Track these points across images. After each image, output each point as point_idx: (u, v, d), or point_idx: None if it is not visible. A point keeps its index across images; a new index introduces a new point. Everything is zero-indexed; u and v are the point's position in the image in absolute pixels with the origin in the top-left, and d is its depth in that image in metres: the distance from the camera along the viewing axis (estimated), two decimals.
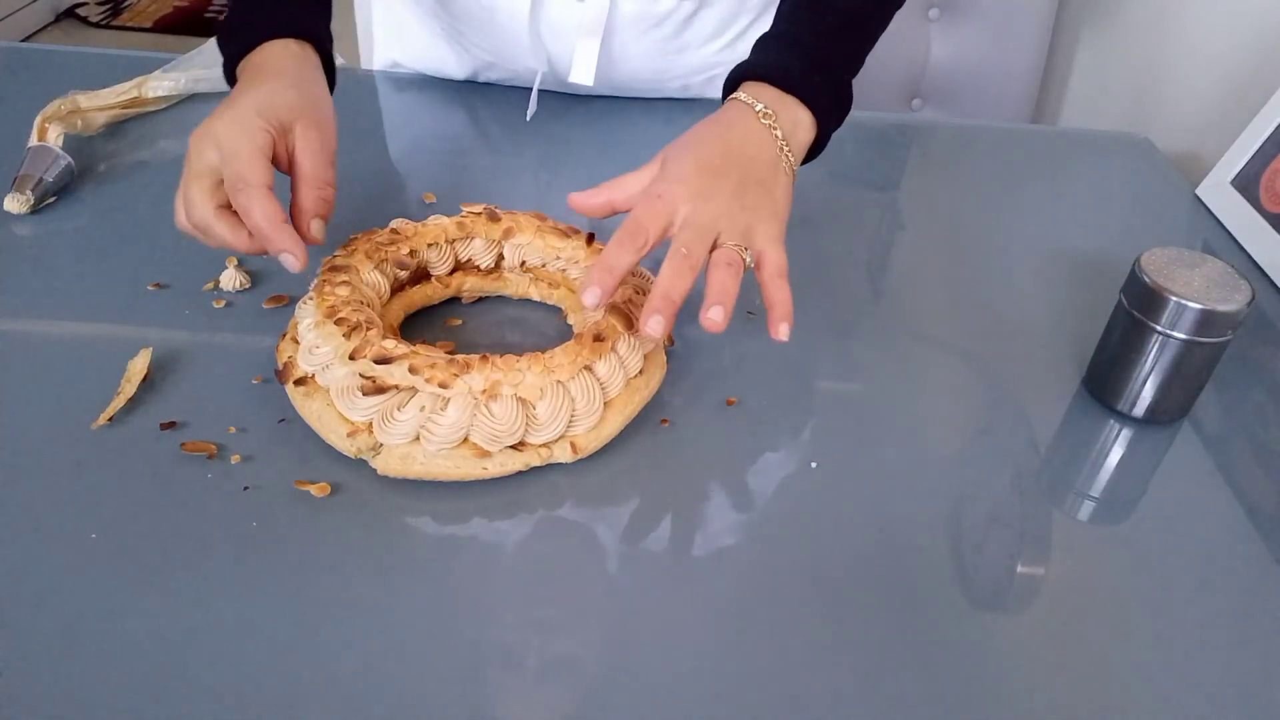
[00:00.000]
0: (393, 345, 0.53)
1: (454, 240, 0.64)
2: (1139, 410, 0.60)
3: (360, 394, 0.51)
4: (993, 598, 0.50)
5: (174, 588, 0.46)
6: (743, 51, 0.87)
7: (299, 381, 0.54)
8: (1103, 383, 0.61)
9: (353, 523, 0.50)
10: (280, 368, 0.56)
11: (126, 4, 2.83)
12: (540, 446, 0.53)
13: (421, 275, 0.64)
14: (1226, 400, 0.63)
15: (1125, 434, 0.60)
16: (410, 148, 0.85)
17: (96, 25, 2.71)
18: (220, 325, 0.62)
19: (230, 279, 0.64)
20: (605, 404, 0.54)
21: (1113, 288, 0.60)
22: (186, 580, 0.47)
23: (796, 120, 0.58)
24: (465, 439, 0.51)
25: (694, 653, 0.46)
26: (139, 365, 0.56)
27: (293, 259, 0.52)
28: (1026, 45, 1.23)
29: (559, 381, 0.52)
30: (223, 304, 0.63)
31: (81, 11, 2.75)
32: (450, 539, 0.50)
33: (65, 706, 0.41)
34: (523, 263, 0.65)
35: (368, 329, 0.54)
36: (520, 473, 0.53)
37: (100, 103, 0.79)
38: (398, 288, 0.62)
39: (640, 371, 0.56)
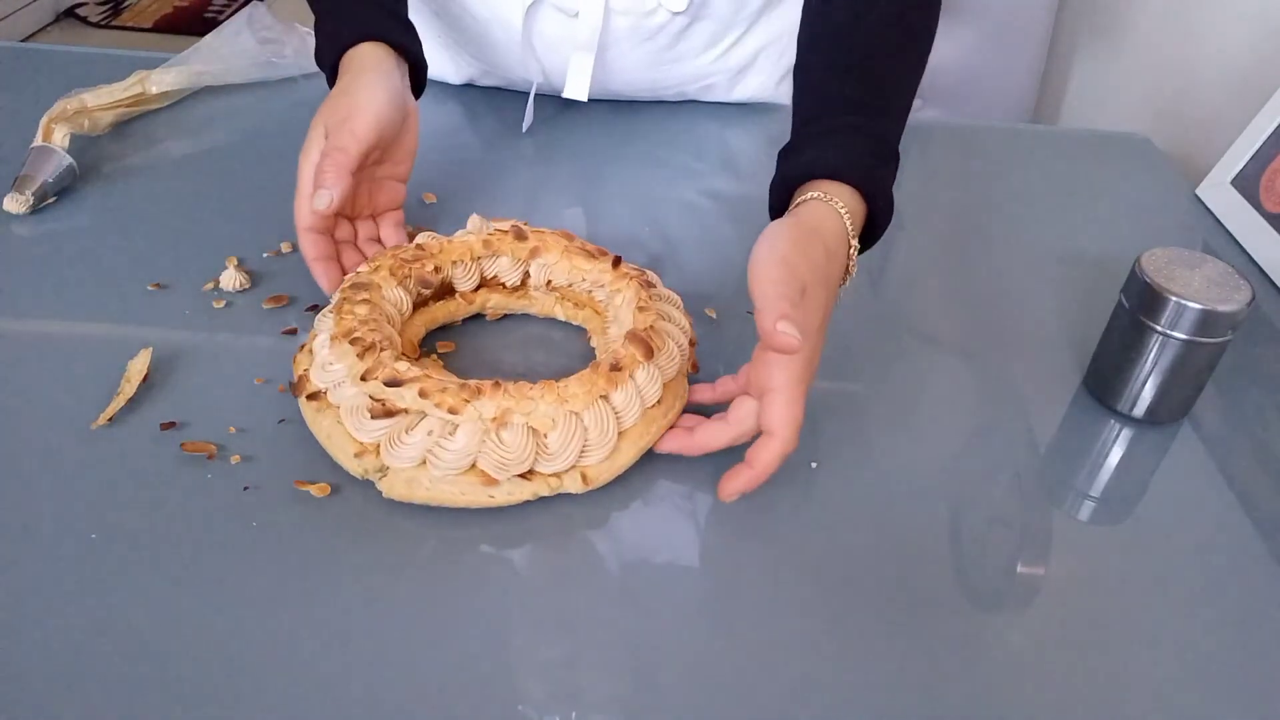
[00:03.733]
0: (405, 368, 0.51)
1: (480, 257, 0.62)
2: (1139, 410, 0.60)
3: (369, 416, 0.50)
4: (993, 598, 0.50)
5: (174, 588, 0.46)
6: (737, 61, 0.87)
7: (311, 396, 0.53)
8: (1103, 383, 0.61)
9: (353, 523, 0.50)
10: (295, 380, 0.54)
11: (126, 4, 2.83)
12: (550, 476, 0.51)
13: (445, 291, 0.62)
14: (1226, 400, 0.63)
15: (1125, 434, 0.60)
16: None
17: (96, 25, 2.71)
18: (220, 325, 0.62)
19: (230, 279, 0.64)
20: (620, 434, 0.52)
21: (1113, 288, 0.60)
22: (186, 580, 0.47)
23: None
24: (473, 465, 0.50)
25: (691, 653, 0.46)
26: (139, 365, 0.56)
27: (321, 284, 0.62)
28: (1026, 45, 1.23)
29: (573, 411, 0.51)
30: (223, 304, 0.63)
31: (81, 11, 2.74)
32: (451, 538, 0.50)
33: (65, 706, 0.41)
34: (548, 281, 0.63)
35: (381, 349, 0.52)
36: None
37: (106, 100, 0.79)
38: (421, 303, 0.61)
39: (659, 401, 0.54)
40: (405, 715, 0.42)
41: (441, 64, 0.90)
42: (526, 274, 0.64)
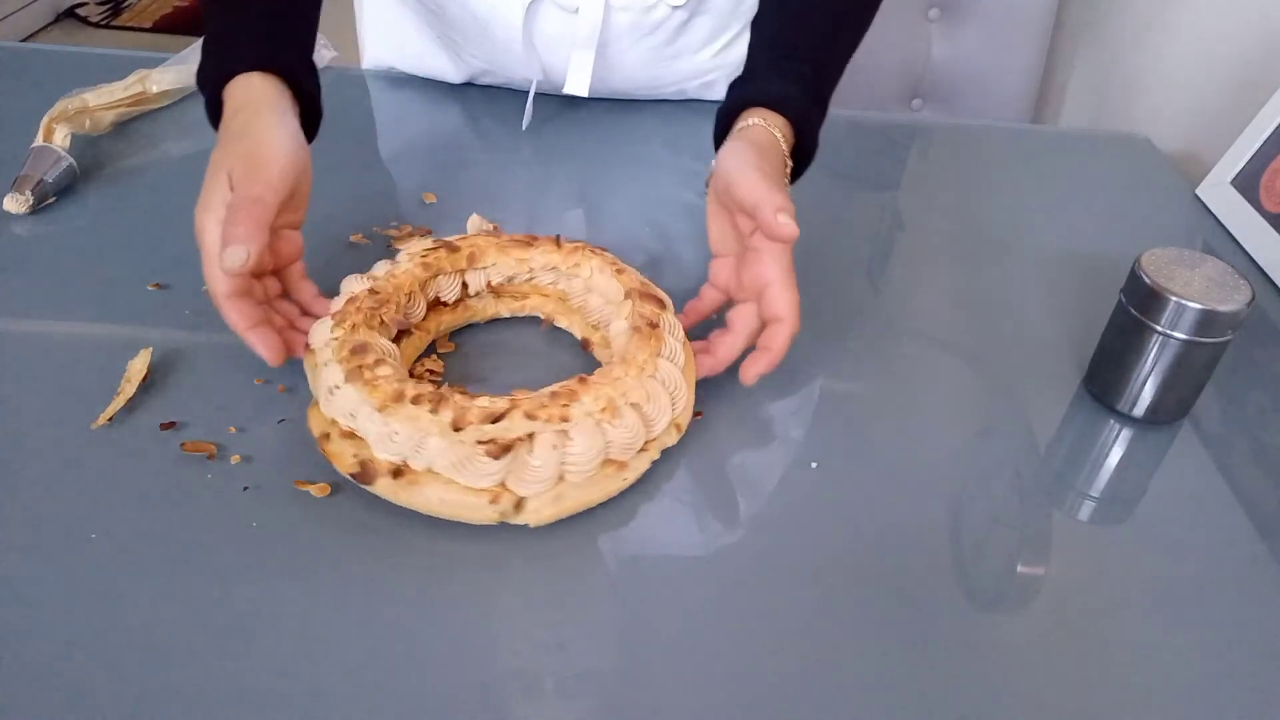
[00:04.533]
0: (487, 401, 0.51)
1: (424, 283, 0.60)
2: (1139, 410, 0.60)
3: (487, 459, 0.49)
4: (993, 598, 0.50)
5: (174, 588, 0.46)
6: (737, 57, 0.87)
7: (397, 474, 0.50)
8: (1103, 383, 0.61)
9: (353, 523, 0.50)
10: (359, 470, 0.50)
11: (126, 4, 2.83)
12: (652, 440, 0.53)
13: (402, 331, 0.60)
14: (1226, 400, 0.63)
15: (1125, 434, 0.60)
16: (405, 147, 0.85)
17: (96, 25, 2.71)
18: (220, 325, 0.61)
19: None
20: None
21: (1113, 288, 0.60)
22: (186, 580, 0.47)
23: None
24: (603, 459, 0.51)
25: (691, 653, 0.46)
26: (139, 365, 0.56)
27: (263, 355, 0.54)
28: (1026, 45, 1.23)
29: (650, 376, 0.54)
30: None
31: (81, 11, 2.75)
32: (453, 538, 0.50)
33: (65, 705, 0.41)
34: (488, 283, 0.63)
35: (448, 397, 0.51)
36: None
37: (107, 99, 0.79)
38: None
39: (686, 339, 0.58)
40: (406, 713, 0.42)
41: (441, 64, 0.90)
42: (464, 285, 0.62)
